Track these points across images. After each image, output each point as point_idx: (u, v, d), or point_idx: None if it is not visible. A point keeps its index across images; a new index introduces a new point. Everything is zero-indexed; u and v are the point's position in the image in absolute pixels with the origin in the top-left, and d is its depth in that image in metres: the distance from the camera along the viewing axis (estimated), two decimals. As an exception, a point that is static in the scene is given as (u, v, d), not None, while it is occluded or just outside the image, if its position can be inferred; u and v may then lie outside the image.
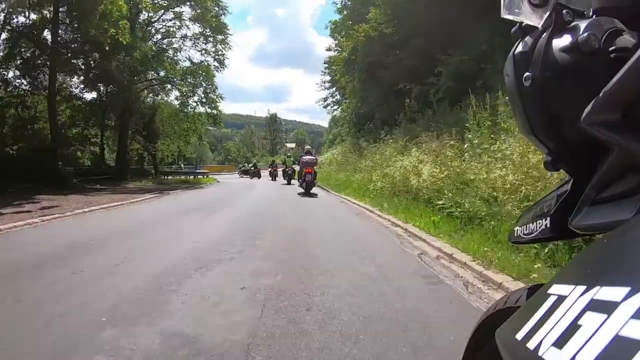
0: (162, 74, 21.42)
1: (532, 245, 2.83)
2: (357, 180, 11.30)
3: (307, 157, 12.67)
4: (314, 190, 11.90)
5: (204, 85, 21.82)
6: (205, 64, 20.94)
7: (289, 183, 18.46)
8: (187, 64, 21.31)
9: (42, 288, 2.88)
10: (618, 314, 0.33)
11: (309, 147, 14.86)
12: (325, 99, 37.12)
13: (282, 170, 20.67)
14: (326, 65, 36.78)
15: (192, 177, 22.85)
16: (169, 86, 22.53)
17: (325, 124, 67.80)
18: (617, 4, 0.55)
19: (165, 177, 21.15)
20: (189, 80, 21.26)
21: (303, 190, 11.93)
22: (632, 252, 0.37)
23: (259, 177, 25.26)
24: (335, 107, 36.37)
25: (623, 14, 0.53)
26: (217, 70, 21.78)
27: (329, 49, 34.08)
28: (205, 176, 24.03)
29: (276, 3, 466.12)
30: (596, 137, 0.47)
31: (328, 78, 35.48)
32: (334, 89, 36.06)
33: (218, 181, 21.59)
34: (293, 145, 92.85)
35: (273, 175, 22.95)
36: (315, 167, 12.57)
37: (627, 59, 0.42)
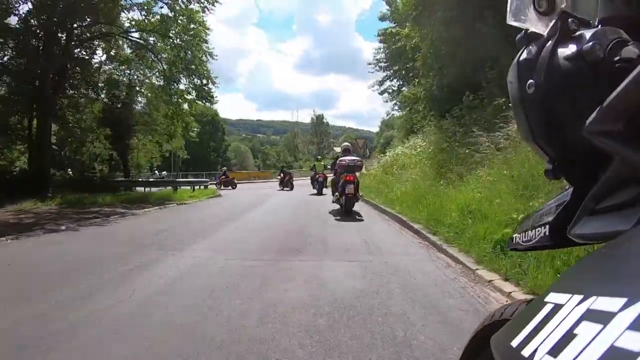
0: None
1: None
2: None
3: (348, 159, 8.78)
4: (357, 206, 8.45)
5: (191, 41, 14.62)
6: (185, 3, 13.88)
7: (320, 193, 14.44)
8: (165, 10, 14.23)
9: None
10: (614, 324, 0.32)
11: (348, 144, 10.41)
12: (381, 83, 29.56)
13: (311, 177, 16.80)
14: (381, 38, 28.65)
15: (174, 188, 16.07)
16: (151, 57, 15.45)
17: (374, 130, 56.90)
18: (623, 14, 0.56)
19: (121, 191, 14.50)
20: (171, 38, 14.41)
21: (339, 207, 8.47)
22: (630, 263, 0.38)
23: (233, 187, 21.74)
24: (394, 93, 28.47)
25: (629, 25, 0.54)
26: (205, 11, 14.34)
27: (382, 19, 27.73)
28: (194, 187, 17.30)
29: (320, 10, 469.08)
30: (598, 146, 0.48)
31: (382, 56, 28.08)
32: (391, 71, 28.24)
33: (219, 195, 15.78)
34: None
35: (289, 184, 18.93)
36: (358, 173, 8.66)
37: (632, 69, 0.44)
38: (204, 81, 14.61)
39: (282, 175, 20.52)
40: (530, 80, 0.56)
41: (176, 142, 17.29)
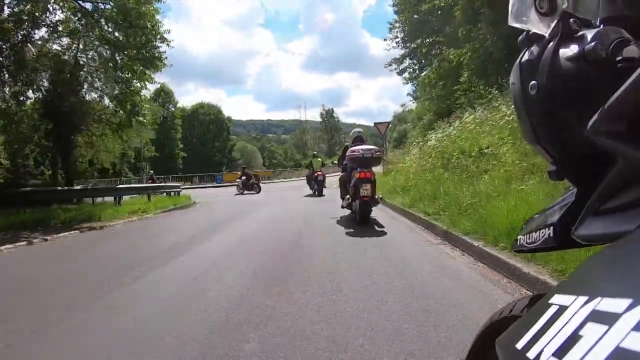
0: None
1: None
2: None
3: (362, 148, 6.30)
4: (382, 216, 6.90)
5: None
6: None
7: (319, 193, 12.55)
8: None
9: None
10: (619, 325, 0.33)
11: (359, 130, 7.59)
12: (400, 60, 23.85)
13: (307, 176, 14.32)
14: (396, 8, 23.49)
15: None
16: (103, 26, 11.32)
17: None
18: (625, 13, 0.57)
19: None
20: None
21: (348, 211, 6.81)
22: (634, 264, 0.39)
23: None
24: (415, 73, 23.70)
25: (630, 24, 0.56)
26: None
27: (400, -17, 28.11)
28: (150, 196, 12.60)
29: (325, 8, 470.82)
30: (601, 146, 0.49)
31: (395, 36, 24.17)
32: (410, 48, 22.77)
33: (193, 204, 12.64)
34: (354, 145, 61.29)
35: (254, 187, 16.63)
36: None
37: (634, 69, 0.45)
38: (152, 38, 9.82)
39: (243, 176, 18.21)
40: (533, 82, 0.58)
41: (130, 132, 12.54)
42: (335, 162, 9.12)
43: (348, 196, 6.72)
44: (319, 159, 14.34)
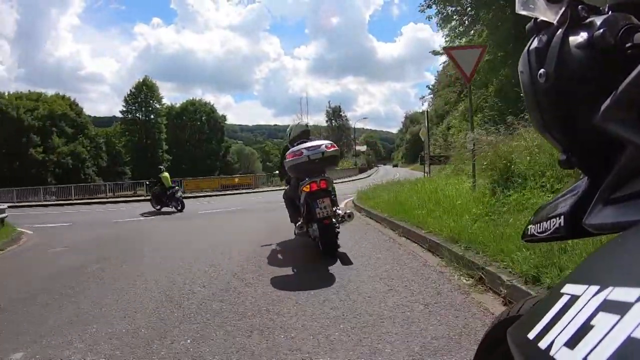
0: None
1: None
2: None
3: (305, 146, 4.25)
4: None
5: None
6: None
7: (181, 209, 11.63)
8: None
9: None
10: (631, 314, 0.33)
11: (305, 123, 6.66)
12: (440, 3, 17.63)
13: (154, 194, 12.83)
14: None
15: None
16: None
17: (394, 131, 50.81)
18: None
19: None
20: None
21: (309, 241, 4.72)
22: None
23: None
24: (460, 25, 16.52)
25: (639, 10, 0.56)
26: None
27: None
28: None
29: (331, 13, 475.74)
30: (611, 134, 0.49)
31: None
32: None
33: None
34: (364, 147, 70.37)
35: None
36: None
37: None
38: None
39: None
40: (542, 70, 0.56)
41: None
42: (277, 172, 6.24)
43: (300, 221, 4.42)
44: (166, 174, 12.54)
